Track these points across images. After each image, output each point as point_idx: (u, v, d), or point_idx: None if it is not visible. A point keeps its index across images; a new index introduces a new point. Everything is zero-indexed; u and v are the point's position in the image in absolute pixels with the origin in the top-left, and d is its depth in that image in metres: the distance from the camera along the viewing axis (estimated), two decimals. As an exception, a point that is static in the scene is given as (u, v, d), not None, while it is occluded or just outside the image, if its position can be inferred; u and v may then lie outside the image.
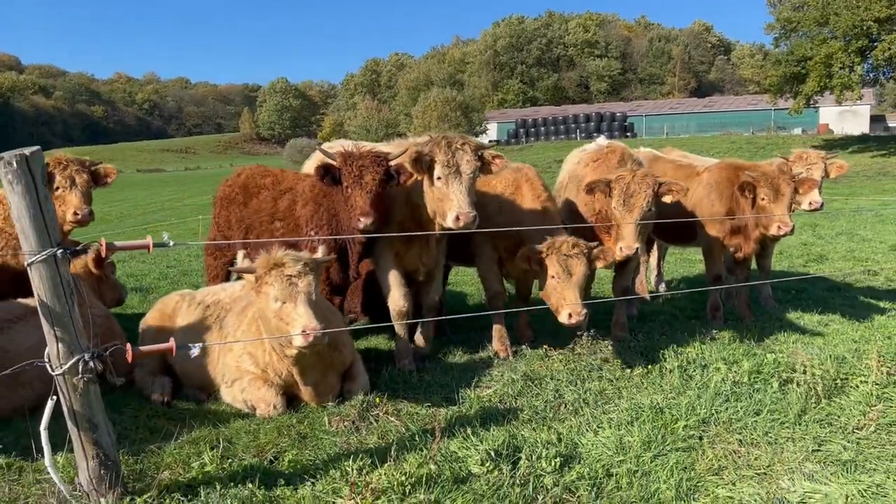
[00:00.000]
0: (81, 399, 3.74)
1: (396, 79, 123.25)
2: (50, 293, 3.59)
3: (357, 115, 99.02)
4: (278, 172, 7.03)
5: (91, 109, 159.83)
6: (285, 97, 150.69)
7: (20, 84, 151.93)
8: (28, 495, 4.04)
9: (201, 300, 6.14)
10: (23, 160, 3.45)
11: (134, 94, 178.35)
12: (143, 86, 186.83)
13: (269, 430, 5.16)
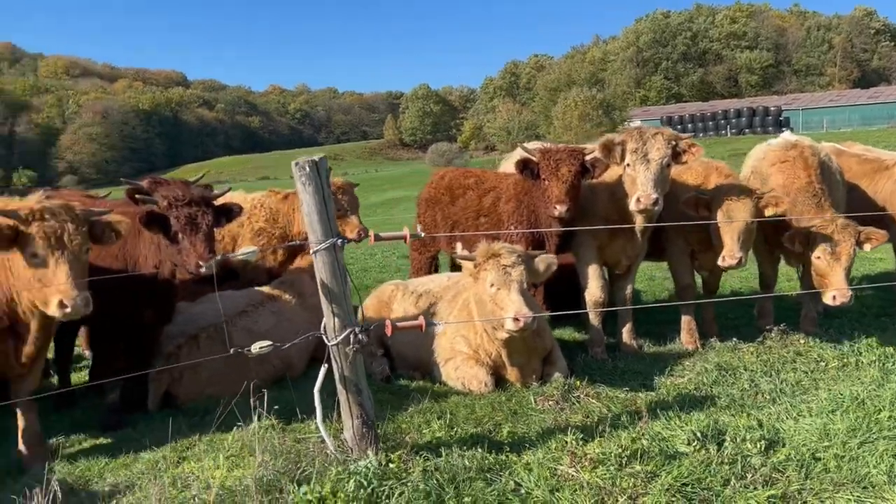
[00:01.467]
0: (350, 366, 4.42)
1: (535, 80, 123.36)
2: (329, 276, 4.28)
3: (497, 118, 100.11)
4: (480, 173, 7.69)
5: (248, 120, 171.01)
6: (426, 103, 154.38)
7: (187, 98, 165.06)
8: (299, 451, 4.75)
9: (413, 290, 6.82)
10: (314, 165, 4.16)
11: (287, 105, 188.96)
12: (295, 97, 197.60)
13: (484, 405, 5.73)
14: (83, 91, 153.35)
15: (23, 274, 4.75)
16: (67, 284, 4.60)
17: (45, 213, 4.70)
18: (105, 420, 5.99)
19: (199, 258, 5.38)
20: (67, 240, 4.69)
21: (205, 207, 5.53)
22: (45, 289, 4.67)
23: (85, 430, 6.08)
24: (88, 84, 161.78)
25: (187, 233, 5.45)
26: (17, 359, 5.16)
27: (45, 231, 4.65)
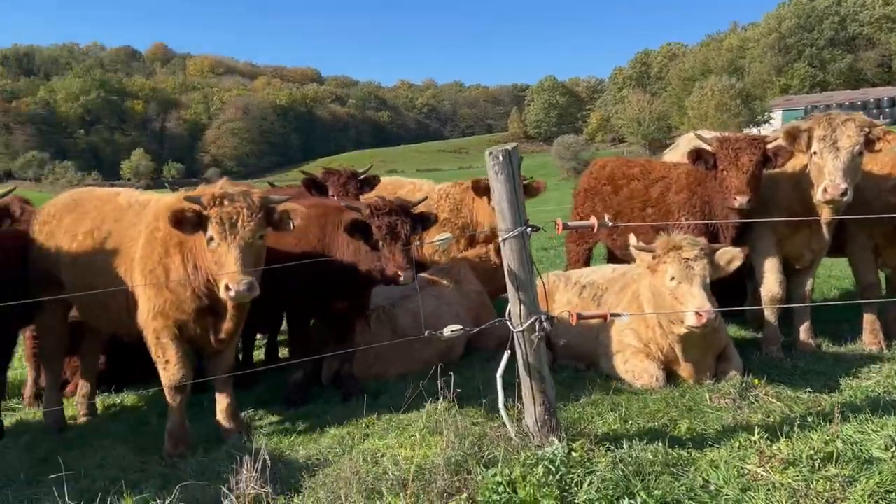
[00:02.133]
0: (535, 353, 4.45)
1: (668, 70, 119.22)
2: (517, 264, 4.32)
3: (627, 109, 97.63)
4: (644, 163, 7.54)
5: (378, 115, 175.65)
6: (552, 95, 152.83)
7: (321, 94, 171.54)
8: (479, 434, 4.84)
9: (576, 280, 6.78)
10: (506, 154, 4.21)
11: (414, 100, 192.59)
12: (422, 91, 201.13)
13: (657, 400, 5.61)
14: (226, 88, 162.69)
15: (207, 256, 5.08)
16: (236, 268, 4.84)
17: (224, 199, 4.98)
18: (289, 396, 6.33)
19: (398, 268, 5.56)
20: (241, 225, 4.93)
21: (404, 217, 5.68)
22: (219, 271, 4.96)
23: (268, 406, 6.47)
24: (231, 82, 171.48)
25: (387, 242, 5.62)
26: (215, 336, 5.52)
27: (221, 216, 4.92)
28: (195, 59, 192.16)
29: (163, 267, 5.39)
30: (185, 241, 5.31)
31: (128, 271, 5.63)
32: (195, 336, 5.54)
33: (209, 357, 5.93)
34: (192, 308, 5.37)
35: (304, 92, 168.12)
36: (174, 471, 4.98)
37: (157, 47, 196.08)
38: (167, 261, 5.37)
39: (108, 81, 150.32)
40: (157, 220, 5.47)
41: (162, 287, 5.38)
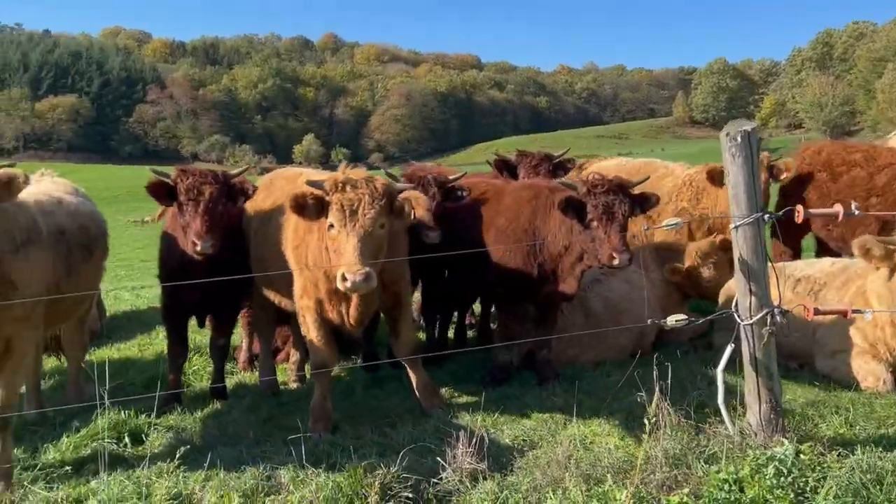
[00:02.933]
0: (764, 349, 4.22)
1: (853, 51, 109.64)
2: (750, 253, 4.11)
3: (807, 93, 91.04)
4: (867, 148, 6.97)
5: (536, 101, 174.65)
6: (722, 78, 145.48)
7: (480, 80, 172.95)
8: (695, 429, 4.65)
9: (790, 273, 6.37)
10: (745, 136, 4.00)
11: (574, 84, 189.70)
12: (582, 76, 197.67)
13: (885, 405, 5.17)
14: (391, 76, 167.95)
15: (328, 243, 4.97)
16: (353, 258, 4.65)
17: (346, 185, 4.83)
18: (493, 376, 6.31)
19: (613, 250, 5.25)
20: (361, 212, 4.75)
21: (622, 196, 5.37)
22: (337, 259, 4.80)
23: (461, 384, 6.60)
24: (395, 69, 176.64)
25: (603, 222, 5.33)
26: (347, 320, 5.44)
27: (342, 202, 4.77)
28: (362, 47, 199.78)
29: (305, 245, 5.44)
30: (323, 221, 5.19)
31: (284, 248, 5.75)
32: (332, 318, 5.50)
33: (393, 338, 6.00)
34: (325, 289, 5.33)
35: (464, 78, 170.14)
36: (387, 440, 5.18)
37: (327, 37, 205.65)
38: (308, 238, 5.40)
39: (283, 70, 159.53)
40: None
41: (303, 264, 5.44)
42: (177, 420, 5.87)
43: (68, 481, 4.79)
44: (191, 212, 5.62)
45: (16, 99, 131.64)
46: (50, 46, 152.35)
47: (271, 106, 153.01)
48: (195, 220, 5.58)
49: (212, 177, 5.79)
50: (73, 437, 5.46)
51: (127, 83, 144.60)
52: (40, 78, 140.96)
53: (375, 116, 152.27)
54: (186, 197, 5.65)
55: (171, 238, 6.25)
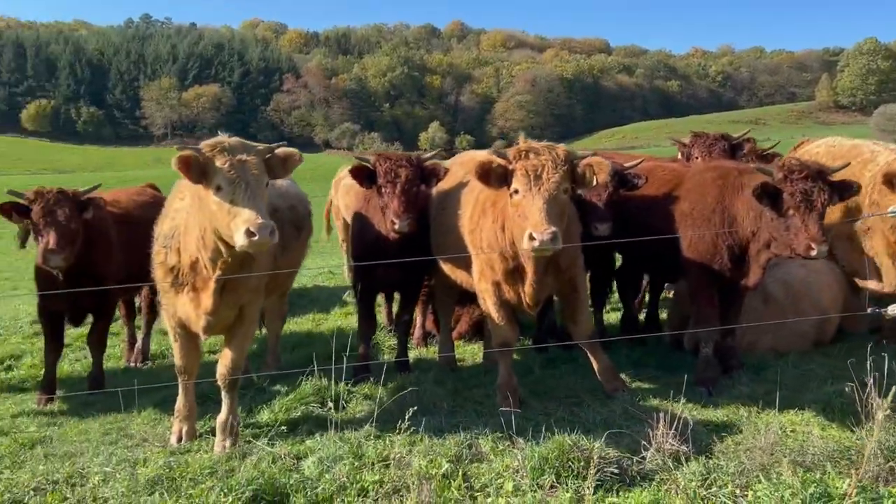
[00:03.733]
0: None
1: None
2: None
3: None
4: None
5: (667, 85, 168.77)
6: (872, 59, 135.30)
7: (608, 65, 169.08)
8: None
9: None
10: None
11: (708, 68, 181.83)
12: (717, 58, 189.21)
13: None
14: (516, 62, 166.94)
15: (510, 212, 5.11)
16: (539, 218, 4.73)
17: (529, 152, 5.00)
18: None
19: (812, 240, 5.05)
20: (546, 177, 4.88)
21: (821, 184, 5.17)
22: (522, 223, 4.88)
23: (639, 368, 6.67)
24: (521, 55, 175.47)
25: (800, 211, 5.14)
26: (524, 300, 5.59)
27: (527, 168, 4.92)
28: (488, 34, 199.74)
29: (479, 229, 5.63)
30: (497, 202, 5.43)
31: (462, 232, 5.97)
32: (510, 299, 5.66)
33: (569, 322, 6.11)
34: (501, 269, 5.51)
35: (591, 63, 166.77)
36: (576, 418, 5.33)
37: (454, 24, 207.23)
38: (482, 222, 5.59)
39: (411, 58, 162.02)
40: None
41: (478, 247, 5.63)
42: (371, 389, 6.25)
43: (286, 439, 5.24)
44: (389, 193, 5.95)
45: (165, 89, 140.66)
46: (196, 39, 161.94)
47: (399, 94, 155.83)
48: (393, 200, 5.91)
49: (407, 160, 6.12)
50: (283, 399, 5.94)
51: (265, 73, 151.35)
52: (187, 69, 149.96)
53: (500, 103, 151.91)
54: (385, 179, 5.99)
55: (362, 218, 6.65)
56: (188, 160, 4.40)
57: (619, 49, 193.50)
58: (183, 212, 4.95)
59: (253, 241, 4.23)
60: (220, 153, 4.42)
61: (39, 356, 8.58)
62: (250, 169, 4.45)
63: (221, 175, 4.38)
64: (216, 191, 4.40)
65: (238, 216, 4.30)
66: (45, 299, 6.78)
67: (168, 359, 8.31)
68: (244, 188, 4.37)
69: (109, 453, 5.10)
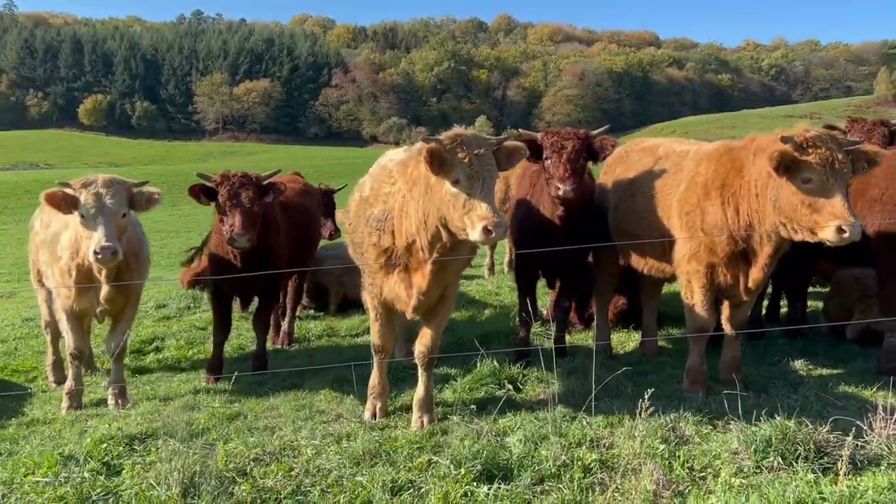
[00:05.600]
0: None
1: None
2: None
3: None
4: None
5: (718, 78, 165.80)
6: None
7: (658, 58, 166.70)
8: None
9: None
10: None
11: (760, 61, 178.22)
12: (770, 52, 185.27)
13: None
14: (564, 56, 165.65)
15: (790, 200, 4.99)
16: (845, 210, 4.74)
17: (819, 143, 4.90)
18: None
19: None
20: (839, 167, 4.84)
21: None
22: (818, 215, 4.82)
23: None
24: (569, 49, 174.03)
25: None
26: (744, 284, 5.63)
27: (822, 159, 4.83)
28: (536, 27, 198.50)
29: (700, 210, 5.65)
30: (728, 185, 5.46)
31: (665, 216, 6.02)
32: (724, 283, 5.70)
33: (729, 307, 6.05)
34: (725, 252, 5.54)
35: (641, 56, 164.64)
36: (771, 403, 5.29)
37: (501, 18, 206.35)
38: (706, 204, 5.61)
39: (458, 52, 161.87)
40: (699, 166, 5.81)
41: (697, 230, 5.64)
42: (540, 373, 6.30)
43: (478, 417, 5.31)
44: (555, 162, 6.05)
45: (217, 84, 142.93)
46: (246, 34, 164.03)
47: (446, 88, 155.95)
48: (559, 168, 6.01)
49: (574, 133, 6.27)
50: (462, 380, 6.05)
51: (314, 68, 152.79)
52: (237, 64, 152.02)
53: (547, 97, 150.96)
54: (551, 150, 6.10)
55: (527, 204, 6.70)
56: (434, 152, 4.50)
57: (668, 42, 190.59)
58: (396, 195, 5.06)
59: (490, 238, 4.39)
60: (461, 146, 4.52)
61: (184, 338, 8.90)
62: (486, 163, 4.55)
63: (461, 168, 4.48)
64: (454, 183, 4.51)
65: (473, 211, 4.42)
66: (220, 281, 6.98)
67: (309, 342, 8.53)
68: (481, 183, 4.47)
69: (312, 427, 5.24)
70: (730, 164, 5.50)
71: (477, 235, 4.37)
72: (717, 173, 5.55)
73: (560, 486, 4.19)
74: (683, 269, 5.80)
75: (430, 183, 4.65)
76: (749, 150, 5.38)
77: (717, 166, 5.59)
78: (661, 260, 6.17)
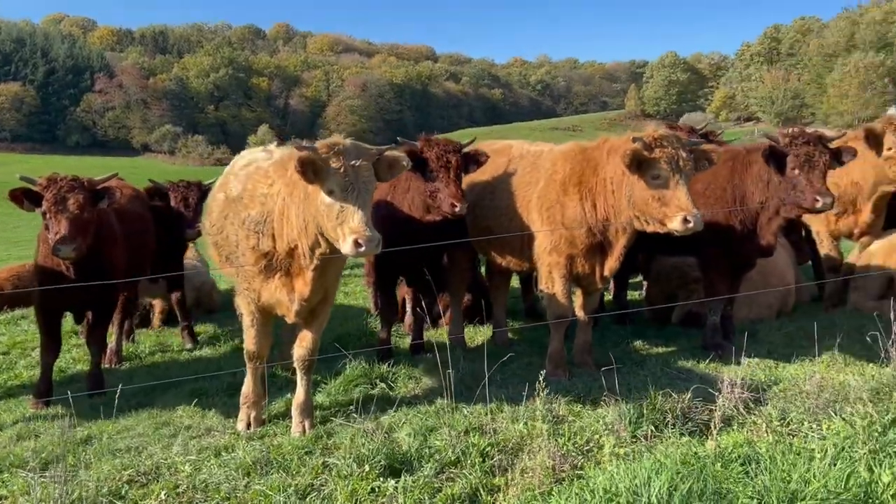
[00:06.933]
0: None
1: (800, 46, 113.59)
2: None
3: (759, 87, 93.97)
4: None
5: (491, 92, 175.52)
6: (673, 71, 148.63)
7: (435, 72, 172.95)
8: None
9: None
10: None
11: (528, 77, 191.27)
12: (536, 68, 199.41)
13: None
14: (345, 66, 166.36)
15: (643, 195, 5.50)
16: (688, 202, 5.27)
17: (664, 141, 5.43)
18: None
19: (817, 193, 5.84)
20: (682, 164, 5.39)
21: (822, 147, 5.99)
22: (666, 207, 5.33)
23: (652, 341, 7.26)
24: (349, 59, 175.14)
25: (804, 170, 5.93)
26: (600, 273, 6.16)
27: (668, 157, 5.36)
28: (315, 37, 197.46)
29: (560, 205, 6.06)
30: (585, 182, 5.91)
31: (525, 211, 6.38)
32: (582, 273, 6.17)
33: (583, 295, 6.59)
34: (584, 244, 6.00)
35: (419, 69, 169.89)
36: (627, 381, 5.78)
37: (279, 26, 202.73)
38: (565, 199, 6.03)
39: (236, 59, 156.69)
40: (555, 165, 6.24)
41: (558, 224, 6.05)
42: (408, 370, 6.37)
43: (359, 417, 5.25)
44: (444, 178, 6.15)
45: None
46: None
47: (224, 96, 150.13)
48: (450, 185, 6.13)
49: (455, 146, 6.43)
50: (333, 383, 5.96)
51: (74, 71, 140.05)
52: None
53: (331, 107, 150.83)
54: (439, 164, 6.21)
55: (388, 205, 6.78)
56: (306, 161, 4.37)
57: (444, 56, 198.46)
58: (276, 197, 4.86)
59: (359, 251, 4.33)
60: (336, 156, 4.42)
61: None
62: (363, 175, 4.49)
63: (336, 178, 4.40)
64: (328, 193, 4.42)
65: (346, 223, 4.35)
66: (47, 295, 6.25)
67: (142, 359, 7.89)
68: (356, 195, 4.40)
69: (183, 443, 4.91)
70: (585, 162, 5.95)
71: (347, 249, 4.33)
72: (574, 171, 5.98)
73: (463, 472, 4.30)
74: (545, 260, 6.15)
75: (307, 191, 4.55)
76: (602, 150, 5.88)
77: (574, 165, 6.02)
78: (520, 254, 6.50)
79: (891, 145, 6.97)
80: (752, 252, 6.62)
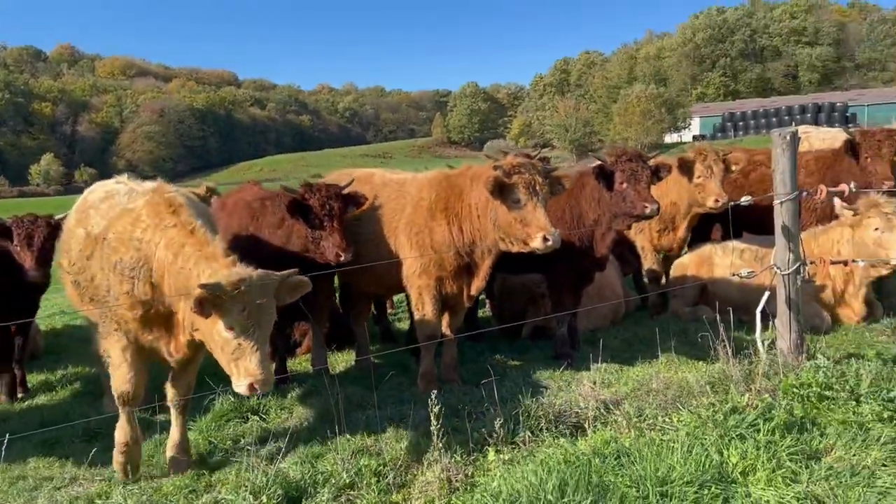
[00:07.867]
0: (795, 291, 5.86)
1: (587, 77, 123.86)
2: (791, 220, 5.73)
3: (553, 115, 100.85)
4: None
5: (299, 119, 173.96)
6: (474, 101, 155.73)
7: (239, 97, 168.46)
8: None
9: (733, 247, 8.20)
10: (793, 136, 5.62)
11: (336, 104, 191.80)
12: (343, 95, 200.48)
13: (830, 339, 7.14)
14: (140, 91, 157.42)
15: (506, 219, 5.83)
16: (546, 222, 5.68)
17: (522, 168, 5.83)
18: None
19: (644, 201, 6.47)
20: (539, 188, 5.79)
21: (643, 164, 6.65)
22: (528, 228, 5.71)
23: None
24: (144, 84, 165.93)
25: (631, 183, 6.56)
26: (468, 292, 6.52)
27: (525, 182, 5.76)
28: (105, 60, 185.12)
29: (428, 230, 6.33)
30: (451, 208, 6.22)
31: (393, 237, 6.58)
32: (451, 293, 6.45)
33: (450, 312, 6.89)
34: (453, 266, 6.30)
35: (222, 94, 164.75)
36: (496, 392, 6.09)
37: (63, 48, 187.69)
38: (433, 224, 6.31)
39: (14, 82, 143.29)
40: (421, 192, 6.51)
41: (427, 248, 6.32)
42: (279, 401, 6.28)
43: (239, 450, 5.15)
44: (330, 227, 6.28)
45: None
46: None
47: (1, 122, 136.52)
48: (335, 234, 6.24)
49: (335, 191, 6.41)
50: (203, 420, 5.74)
51: None
52: None
53: (125, 133, 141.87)
54: (323, 212, 6.30)
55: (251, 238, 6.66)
56: (205, 301, 4.16)
57: (248, 82, 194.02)
58: (150, 244, 4.59)
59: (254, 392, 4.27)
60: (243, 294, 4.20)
61: None
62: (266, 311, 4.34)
63: (237, 318, 4.22)
64: (227, 328, 4.23)
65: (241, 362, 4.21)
66: None
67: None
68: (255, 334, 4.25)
69: (49, 495, 4.54)
70: (450, 189, 6.25)
71: (241, 390, 4.17)
72: (440, 197, 6.25)
73: (361, 493, 4.38)
74: (415, 283, 6.35)
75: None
76: (466, 177, 6.20)
77: (439, 191, 6.30)
78: (386, 279, 6.63)
79: (699, 174, 7.95)
80: (591, 266, 7.24)
